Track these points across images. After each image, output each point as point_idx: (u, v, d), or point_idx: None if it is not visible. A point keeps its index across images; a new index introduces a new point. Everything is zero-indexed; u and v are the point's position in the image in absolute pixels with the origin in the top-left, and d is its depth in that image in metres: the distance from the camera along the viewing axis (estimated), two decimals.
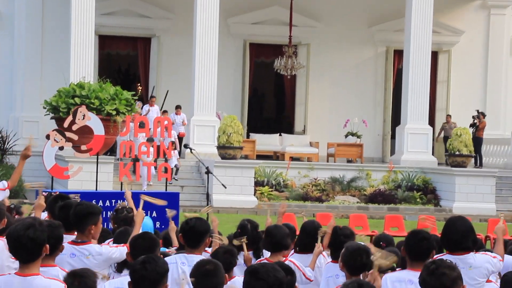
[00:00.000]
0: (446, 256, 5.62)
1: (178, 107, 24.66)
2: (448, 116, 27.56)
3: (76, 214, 5.98)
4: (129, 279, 4.50)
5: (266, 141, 27.56)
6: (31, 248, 4.54)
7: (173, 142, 19.87)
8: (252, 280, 4.15)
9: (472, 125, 25.31)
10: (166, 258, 5.85)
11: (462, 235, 5.77)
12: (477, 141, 24.86)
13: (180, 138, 24.19)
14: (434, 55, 28.05)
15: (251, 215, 17.95)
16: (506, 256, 6.75)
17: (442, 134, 27.37)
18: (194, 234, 5.91)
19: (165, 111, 24.19)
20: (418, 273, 5.55)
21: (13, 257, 4.84)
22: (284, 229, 6.89)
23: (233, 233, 7.18)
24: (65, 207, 6.30)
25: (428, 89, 25.45)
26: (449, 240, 5.83)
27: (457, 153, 22.78)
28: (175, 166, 21.79)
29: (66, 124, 12.71)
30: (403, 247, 5.76)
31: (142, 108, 24.06)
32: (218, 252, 6.12)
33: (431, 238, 5.73)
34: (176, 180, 21.40)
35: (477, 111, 26.04)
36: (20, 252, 4.55)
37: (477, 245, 6.01)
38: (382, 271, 4.74)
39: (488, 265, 5.88)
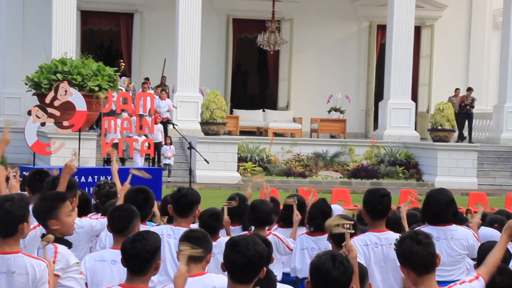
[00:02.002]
0: (427, 228, 5.68)
1: (163, 91, 24.10)
2: (457, 89, 26.41)
3: (55, 188, 5.98)
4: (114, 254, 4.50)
5: (250, 117, 27.55)
6: (7, 222, 4.51)
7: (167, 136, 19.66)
8: (232, 252, 4.16)
9: (468, 105, 25.05)
10: (152, 229, 5.87)
11: (443, 207, 5.83)
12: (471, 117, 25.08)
13: (164, 122, 23.30)
14: (417, 30, 28.08)
15: (234, 191, 17.93)
16: (484, 228, 6.83)
17: None
18: (185, 202, 5.90)
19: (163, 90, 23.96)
20: (381, 234, 5.63)
21: None
22: (270, 205, 6.93)
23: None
24: (55, 180, 6.32)
25: (411, 64, 25.47)
26: (430, 213, 5.88)
27: (439, 127, 22.88)
28: (169, 166, 21.44)
29: (48, 100, 12.61)
30: (363, 208, 5.80)
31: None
32: (203, 215, 6.18)
33: (390, 194, 5.80)
34: (169, 182, 21.01)
35: (470, 88, 26.02)
36: None
37: (457, 217, 6.06)
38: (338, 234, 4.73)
39: (468, 239, 5.94)
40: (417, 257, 4.22)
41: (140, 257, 4.32)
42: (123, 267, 4.44)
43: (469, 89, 25.96)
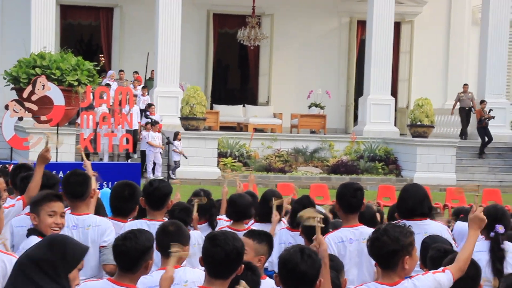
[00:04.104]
0: (401, 223, 5.69)
1: (144, 88, 24.03)
2: (465, 85, 25.62)
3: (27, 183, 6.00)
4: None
5: (230, 112, 27.54)
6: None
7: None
8: (210, 246, 4.17)
9: (487, 118, 24.19)
10: (126, 224, 5.85)
11: (416, 201, 5.85)
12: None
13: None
14: (397, 26, 28.17)
15: (213, 186, 17.97)
16: (459, 222, 6.86)
17: (458, 105, 25.65)
18: (158, 195, 5.89)
19: (144, 87, 23.96)
20: (355, 229, 5.66)
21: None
22: (248, 199, 6.95)
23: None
24: (27, 177, 6.28)
25: (391, 59, 25.56)
26: (404, 207, 5.90)
27: (418, 123, 22.98)
28: (175, 163, 21.15)
29: (25, 95, 12.56)
30: (336, 202, 5.81)
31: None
32: (174, 210, 6.18)
33: (363, 188, 5.83)
34: (174, 179, 20.79)
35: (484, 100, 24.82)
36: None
37: (431, 212, 6.09)
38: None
39: (443, 234, 5.97)
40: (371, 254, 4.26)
41: (129, 255, 4.31)
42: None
43: (483, 102, 24.56)
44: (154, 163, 21.06)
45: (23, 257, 3.42)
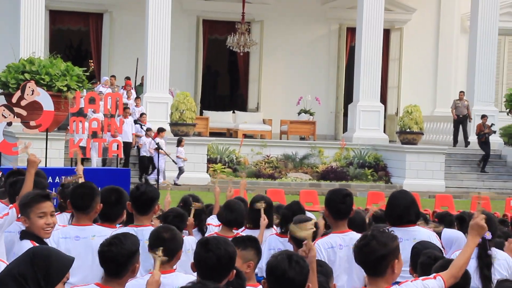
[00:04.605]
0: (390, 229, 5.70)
1: (137, 98, 23.97)
2: (461, 92, 25.38)
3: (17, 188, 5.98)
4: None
5: (220, 118, 27.54)
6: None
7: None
8: (202, 251, 4.18)
9: (487, 133, 23.90)
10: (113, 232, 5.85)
11: (404, 208, 5.86)
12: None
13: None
14: (386, 33, 28.27)
15: (203, 192, 17.97)
16: (447, 230, 6.88)
17: (454, 112, 25.20)
18: (145, 200, 5.87)
19: (137, 97, 23.92)
20: (345, 235, 5.67)
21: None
22: (242, 207, 6.93)
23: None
24: (16, 182, 6.27)
25: (380, 66, 25.64)
26: (393, 214, 5.91)
27: (408, 130, 23.05)
28: (180, 168, 21.10)
29: (14, 100, 12.51)
30: (326, 209, 5.82)
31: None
32: (168, 216, 6.17)
33: (352, 194, 5.85)
34: (177, 185, 20.83)
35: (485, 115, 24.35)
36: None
37: (419, 219, 6.10)
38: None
39: (431, 239, 5.98)
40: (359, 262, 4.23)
41: (116, 260, 4.30)
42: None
43: (484, 116, 24.21)
44: (154, 168, 20.94)
45: (5, 272, 3.33)
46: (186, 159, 21.01)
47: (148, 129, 20.73)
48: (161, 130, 20.97)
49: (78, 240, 5.59)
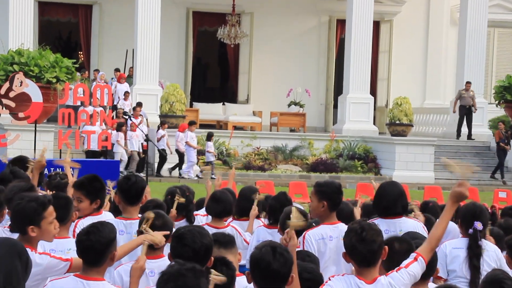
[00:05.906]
0: (377, 221, 5.73)
1: (126, 93, 23.74)
2: (468, 83, 24.69)
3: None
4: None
5: (210, 110, 27.51)
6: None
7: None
8: (178, 245, 4.17)
9: (507, 138, 23.11)
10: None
11: (392, 200, 5.88)
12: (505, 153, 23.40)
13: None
14: (376, 25, 28.29)
15: (193, 184, 17.95)
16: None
17: (458, 103, 24.70)
18: (136, 190, 5.85)
19: (127, 92, 23.76)
20: (334, 226, 5.69)
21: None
22: (230, 197, 6.94)
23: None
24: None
25: (369, 58, 25.66)
26: (381, 205, 5.94)
27: (397, 122, 23.09)
28: (211, 163, 21.14)
29: (3, 91, 12.50)
30: (324, 201, 5.84)
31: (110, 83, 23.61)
32: (147, 207, 6.14)
33: (341, 185, 5.92)
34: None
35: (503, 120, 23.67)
36: None
37: (407, 210, 6.13)
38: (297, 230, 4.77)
39: (417, 230, 6.00)
40: (357, 253, 4.25)
41: (94, 249, 4.29)
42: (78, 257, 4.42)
43: (503, 122, 23.35)
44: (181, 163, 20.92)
45: None
46: (216, 154, 21.18)
47: (193, 122, 20.83)
48: (191, 123, 21.05)
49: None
